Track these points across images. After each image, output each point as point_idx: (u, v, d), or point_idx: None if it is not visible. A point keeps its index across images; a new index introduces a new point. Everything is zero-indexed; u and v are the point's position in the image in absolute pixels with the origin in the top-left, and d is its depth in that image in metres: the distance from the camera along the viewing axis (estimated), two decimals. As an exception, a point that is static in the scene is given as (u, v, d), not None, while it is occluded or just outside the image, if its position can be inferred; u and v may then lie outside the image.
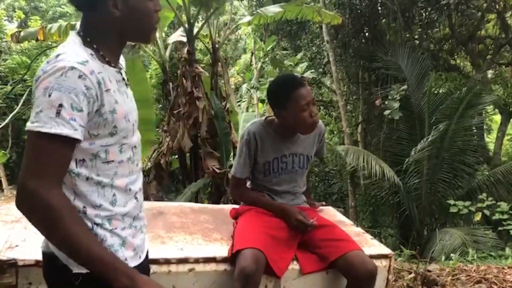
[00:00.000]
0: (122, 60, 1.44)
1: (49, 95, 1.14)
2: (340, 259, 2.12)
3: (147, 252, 1.50)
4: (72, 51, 1.22)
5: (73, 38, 1.30)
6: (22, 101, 15.97)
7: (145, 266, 1.45)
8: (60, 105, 1.14)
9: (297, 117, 2.22)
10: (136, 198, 1.39)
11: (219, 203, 6.08)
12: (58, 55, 1.20)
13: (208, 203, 6.38)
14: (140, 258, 1.40)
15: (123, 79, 1.37)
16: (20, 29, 8.09)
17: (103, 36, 1.31)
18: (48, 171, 1.16)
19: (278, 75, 6.85)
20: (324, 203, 3.05)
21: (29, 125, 1.15)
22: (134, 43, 6.59)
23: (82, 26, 1.33)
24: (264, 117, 2.50)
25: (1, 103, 13.07)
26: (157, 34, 7.43)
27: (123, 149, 1.32)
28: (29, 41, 10.12)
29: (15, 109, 16.08)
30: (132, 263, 1.33)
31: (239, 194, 2.50)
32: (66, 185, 1.24)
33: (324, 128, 2.60)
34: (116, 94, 1.29)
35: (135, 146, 1.38)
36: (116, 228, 1.31)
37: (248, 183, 2.55)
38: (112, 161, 1.30)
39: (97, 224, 1.28)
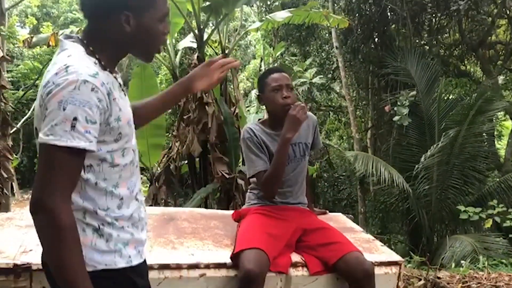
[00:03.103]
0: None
1: (64, 109, 1.16)
2: (338, 263, 2.16)
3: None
4: (81, 63, 1.24)
5: (76, 46, 1.31)
6: (33, 106, 16.19)
7: (146, 265, 1.50)
8: (75, 119, 1.17)
9: (270, 98, 2.45)
10: (137, 199, 1.44)
11: (228, 209, 6.09)
12: (67, 67, 1.21)
13: (217, 208, 6.40)
14: (141, 257, 1.43)
15: (120, 84, 1.40)
16: (32, 35, 8.19)
17: (106, 46, 1.34)
18: (63, 184, 1.19)
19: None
20: (327, 211, 3.08)
21: (43, 138, 1.18)
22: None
23: (87, 35, 1.35)
24: (257, 119, 2.62)
25: (12, 108, 13.20)
26: (167, 40, 7.49)
27: (125, 153, 1.36)
28: (40, 47, 10.23)
29: (26, 114, 16.29)
30: (135, 261, 1.39)
31: (267, 180, 2.40)
32: (74, 190, 1.26)
33: (316, 119, 2.71)
34: (119, 101, 1.32)
35: (134, 149, 1.42)
36: (122, 227, 1.36)
37: (252, 184, 2.60)
38: (117, 165, 1.34)
39: (107, 223, 1.32)
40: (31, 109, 16.08)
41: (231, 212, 2.79)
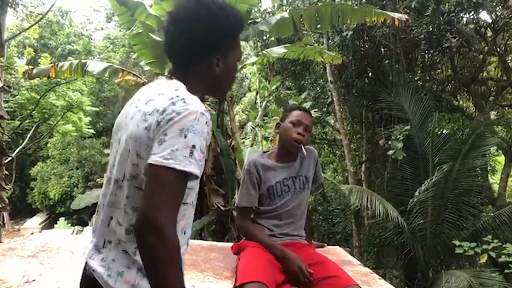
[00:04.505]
0: None
1: (185, 136, 1.22)
2: None
3: None
4: (192, 96, 1.32)
5: (177, 82, 1.39)
6: (28, 136, 16.19)
7: None
8: (193, 146, 1.23)
9: (285, 128, 2.54)
10: (187, 243, 1.44)
11: (223, 241, 6.07)
12: (183, 98, 1.28)
13: (212, 240, 6.36)
14: None
15: None
16: (33, 67, 8.25)
17: (196, 88, 1.40)
18: (174, 206, 1.23)
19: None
20: (325, 244, 3.09)
21: (162, 161, 1.20)
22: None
23: (177, 77, 1.42)
24: (263, 151, 2.69)
25: (7, 138, 13.21)
26: (166, 74, 7.59)
27: (191, 193, 1.39)
28: (40, 78, 10.29)
29: (21, 144, 16.27)
30: None
31: (244, 227, 2.56)
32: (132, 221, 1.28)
33: (318, 154, 2.78)
34: None
35: (196, 191, 1.44)
36: None
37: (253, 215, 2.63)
38: (187, 203, 1.37)
39: None
40: (26, 139, 16.12)
41: (230, 244, 2.80)
